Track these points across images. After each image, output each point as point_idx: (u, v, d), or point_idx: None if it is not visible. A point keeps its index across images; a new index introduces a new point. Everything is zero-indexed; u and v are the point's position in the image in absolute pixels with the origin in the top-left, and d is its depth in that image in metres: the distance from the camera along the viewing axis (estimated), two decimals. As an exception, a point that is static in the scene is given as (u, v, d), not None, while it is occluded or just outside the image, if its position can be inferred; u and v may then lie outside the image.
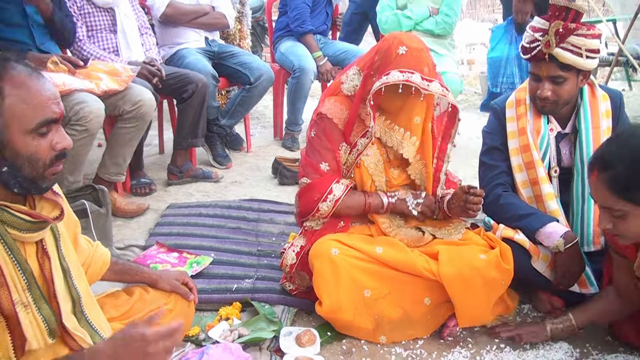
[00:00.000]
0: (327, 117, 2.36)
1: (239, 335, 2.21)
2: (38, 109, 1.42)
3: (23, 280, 1.48)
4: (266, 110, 6.13)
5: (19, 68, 1.43)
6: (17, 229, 1.46)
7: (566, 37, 2.27)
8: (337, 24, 5.32)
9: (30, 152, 1.42)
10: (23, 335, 1.46)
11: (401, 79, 2.13)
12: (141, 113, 3.31)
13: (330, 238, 2.28)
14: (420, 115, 2.30)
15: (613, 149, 1.77)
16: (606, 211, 1.82)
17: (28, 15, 3.17)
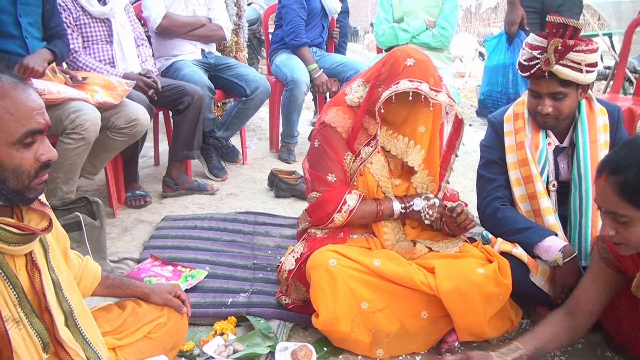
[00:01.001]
0: (330, 126, 2.37)
1: (234, 350, 2.18)
2: (22, 120, 1.40)
3: (14, 295, 1.46)
4: (262, 123, 6.13)
5: (4, 78, 1.41)
6: (5, 242, 1.44)
7: (565, 54, 2.26)
8: (333, 37, 5.32)
9: (14, 164, 1.40)
10: (12, 355, 1.43)
11: (411, 87, 2.16)
12: (134, 132, 3.31)
13: (328, 249, 2.26)
14: (425, 124, 2.30)
15: (626, 153, 1.74)
16: (610, 217, 1.79)
17: (22, 27, 3.15)
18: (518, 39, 4.31)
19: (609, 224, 1.80)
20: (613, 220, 1.78)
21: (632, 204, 1.70)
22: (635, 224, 1.73)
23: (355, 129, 2.36)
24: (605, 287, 2.06)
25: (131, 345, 1.91)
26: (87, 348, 1.65)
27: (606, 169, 1.76)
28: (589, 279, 2.11)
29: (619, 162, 1.73)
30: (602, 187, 1.77)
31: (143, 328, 1.95)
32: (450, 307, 2.19)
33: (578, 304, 2.10)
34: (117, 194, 3.66)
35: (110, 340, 1.86)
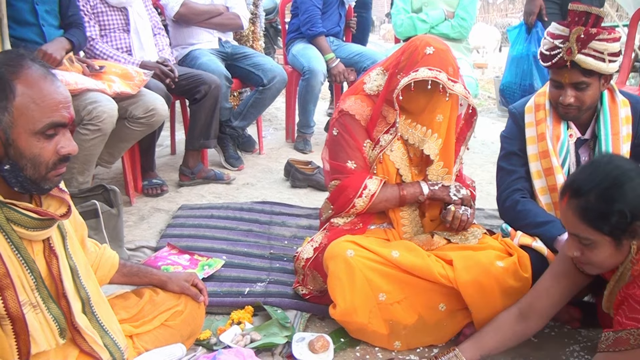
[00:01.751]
0: (349, 114, 2.37)
1: (251, 340, 2.18)
2: (47, 111, 1.40)
3: (31, 280, 1.47)
4: (278, 112, 6.12)
5: (34, 67, 1.42)
6: (23, 227, 1.45)
7: (588, 43, 2.22)
8: (350, 27, 5.29)
9: (34, 153, 1.41)
10: (29, 339, 1.44)
11: (430, 75, 2.16)
12: (152, 121, 3.31)
13: (346, 240, 2.25)
14: (443, 113, 2.28)
15: (586, 176, 1.72)
16: (575, 239, 1.77)
17: (38, 14, 3.16)
18: (535, 29, 4.25)
19: (573, 245, 1.79)
20: (577, 242, 1.76)
21: (593, 227, 1.69)
22: (599, 246, 1.72)
23: (374, 117, 2.35)
24: (568, 287, 2.01)
25: (148, 332, 1.92)
26: (104, 335, 1.66)
27: (568, 192, 1.74)
28: (551, 277, 2.04)
29: (580, 186, 1.71)
30: (564, 210, 1.76)
31: (160, 316, 1.96)
32: (468, 299, 2.18)
33: (534, 306, 2.03)
34: (134, 183, 3.67)
35: (128, 327, 1.87)
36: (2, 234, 1.42)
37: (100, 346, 1.63)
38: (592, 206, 1.67)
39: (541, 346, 2.29)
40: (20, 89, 1.37)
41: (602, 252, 1.73)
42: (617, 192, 1.65)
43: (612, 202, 1.65)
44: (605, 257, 1.74)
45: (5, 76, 1.37)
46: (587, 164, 1.82)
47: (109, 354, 1.66)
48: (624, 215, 1.64)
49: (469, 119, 2.41)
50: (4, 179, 1.42)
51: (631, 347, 1.64)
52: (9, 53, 1.45)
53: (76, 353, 1.61)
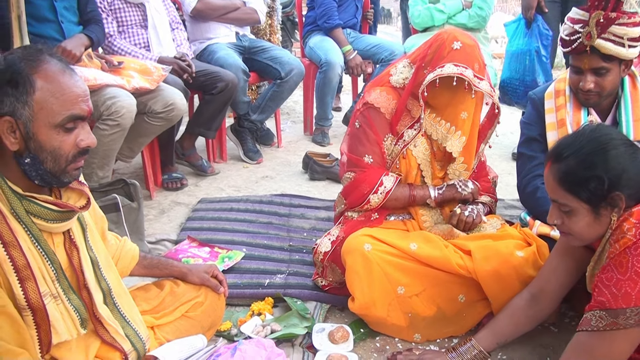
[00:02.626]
0: (373, 107, 2.36)
1: (271, 330, 2.19)
2: (66, 104, 1.42)
3: (52, 271, 1.48)
4: (296, 106, 6.13)
5: (53, 62, 1.44)
6: (43, 219, 1.47)
7: (607, 27, 2.20)
8: (367, 18, 5.27)
9: (54, 146, 1.43)
10: (50, 330, 1.45)
11: (456, 72, 2.13)
12: (171, 116, 3.34)
13: (363, 233, 2.25)
14: (468, 111, 2.26)
15: (570, 141, 1.71)
16: (555, 205, 1.75)
17: (57, 11, 3.19)
18: (535, 24, 4.17)
19: (554, 213, 1.77)
20: (557, 208, 1.74)
21: (571, 192, 1.67)
22: (577, 214, 1.69)
23: (399, 110, 2.33)
24: (574, 264, 1.97)
25: (169, 324, 1.93)
26: (126, 326, 1.68)
27: (551, 157, 1.73)
28: (556, 257, 2.02)
29: (562, 150, 1.70)
30: (546, 175, 1.75)
31: (181, 307, 1.98)
32: (488, 290, 2.17)
33: (544, 289, 2.01)
34: (154, 177, 3.70)
35: (149, 319, 1.88)
36: (22, 226, 1.44)
37: (122, 336, 1.65)
38: (572, 170, 1.65)
39: (561, 336, 2.28)
40: (40, 83, 1.39)
41: (581, 221, 1.70)
42: (598, 159, 1.63)
43: (592, 168, 1.63)
44: (584, 226, 1.71)
45: (24, 71, 1.39)
46: (574, 132, 1.81)
47: (131, 344, 1.68)
48: (602, 181, 1.62)
49: (492, 116, 2.38)
50: (25, 172, 1.44)
51: (592, 328, 1.61)
52: (27, 48, 1.46)
53: (98, 343, 1.63)
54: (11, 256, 1.40)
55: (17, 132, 1.40)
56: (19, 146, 1.41)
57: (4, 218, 1.41)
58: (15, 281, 1.40)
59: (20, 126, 1.39)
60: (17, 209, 1.43)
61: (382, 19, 15.71)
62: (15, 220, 1.43)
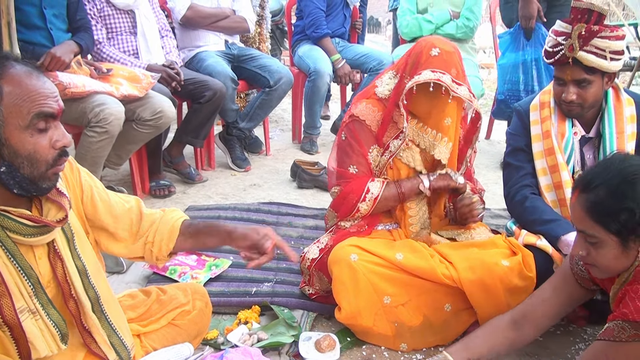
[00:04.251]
0: (358, 120, 2.37)
1: (258, 339, 2.20)
2: (34, 104, 1.39)
3: (29, 286, 1.46)
4: (285, 114, 6.14)
5: (18, 67, 1.41)
6: (19, 234, 1.44)
7: (590, 40, 2.24)
8: (356, 28, 5.30)
9: (28, 150, 1.39)
10: (28, 345, 1.44)
11: (432, 77, 2.14)
12: (159, 123, 3.34)
13: (350, 244, 2.26)
14: (452, 116, 2.28)
15: (599, 170, 1.67)
16: (582, 236, 1.71)
17: (47, 18, 3.19)
18: (538, 32, 4.19)
19: (580, 244, 1.73)
20: (584, 239, 1.71)
21: (599, 224, 1.62)
22: (604, 246, 1.65)
23: (384, 121, 2.35)
24: (566, 301, 1.96)
25: (156, 332, 1.93)
26: (112, 334, 1.66)
27: (579, 186, 1.69)
28: (550, 288, 1.99)
29: (591, 180, 1.65)
30: (573, 204, 1.71)
31: (167, 315, 1.97)
32: (473, 299, 2.18)
33: (529, 316, 1.98)
34: (142, 184, 3.70)
35: (135, 327, 1.88)
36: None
37: (108, 346, 1.64)
38: (601, 201, 1.61)
39: (547, 345, 2.30)
40: (7, 89, 1.37)
41: (608, 253, 1.66)
42: (629, 190, 1.58)
43: (622, 199, 1.58)
44: (611, 259, 1.67)
45: None
46: (602, 160, 1.76)
47: (115, 353, 1.66)
48: (633, 214, 1.56)
49: (475, 122, 2.40)
50: (3, 182, 1.40)
51: (614, 338, 1.61)
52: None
53: (83, 354, 1.62)
54: None
55: None
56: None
57: None
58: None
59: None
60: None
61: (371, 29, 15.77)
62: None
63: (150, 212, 1.87)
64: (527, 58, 4.22)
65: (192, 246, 1.89)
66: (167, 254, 1.84)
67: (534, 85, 4.23)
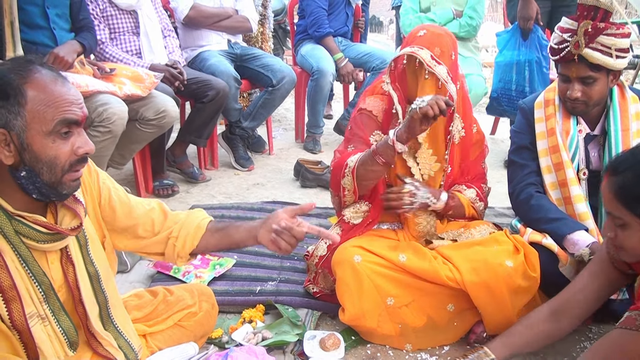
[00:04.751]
0: (365, 111, 2.40)
1: (262, 338, 2.20)
2: (58, 110, 1.40)
3: (39, 292, 1.46)
4: (288, 113, 6.14)
5: (43, 72, 1.42)
6: (33, 240, 1.44)
7: (595, 37, 2.23)
8: (358, 26, 5.29)
9: (49, 156, 1.40)
10: (36, 349, 1.44)
11: (408, 51, 2.17)
12: (163, 123, 3.34)
13: (353, 244, 2.25)
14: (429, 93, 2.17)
15: (629, 155, 1.70)
16: (610, 218, 1.74)
17: (49, 18, 3.20)
18: (534, 34, 4.19)
19: (609, 226, 1.75)
20: (612, 221, 1.73)
21: (626, 206, 1.65)
22: (630, 228, 1.67)
23: (388, 109, 2.36)
24: (604, 287, 1.97)
25: (162, 332, 1.94)
26: (118, 337, 1.67)
27: (609, 170, 1.72)
28: (587, 276, 2.00)
29: (619, 164, 1.69)
30: (603, 186, 1.73)
31: (174, 316, 1.97)
32: (477, 301, 2.18)
33: (567, 306, 1.99)
34: (145, 184, 3.70)
35: (141, 327, 1.88)
36: (10, 247, 1.42)
37: (115, 348, 1.65)
38: (627, 185, 1.63)
39: (552, 343, 2.29)
40: (31, 93, 1.37)
41: (633, 236, 1.68)
42: None
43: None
44: (636, 242, 1.68)
45: (15, 81, 1.37)
46: (634, 146, 1.78)
47: (123, 355, 1.67)
48: None
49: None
50: (22, 187, 1.42)
51: (635, 328, 1.62)
52: (17, 60, 1.44)
53: (89, 356, 1.62)
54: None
55: (11, 144, 1.37)
56: (14, 159, 1.38)
57: None
58: (0, 301, 1.39)
59: (14, 138, 1.36)
60: (5, 229, 1.41)
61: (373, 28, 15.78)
62: (3, 239, 1.41)
63: (176, 212, 1.87)
64: (521, 58, 4.22)
65: (218, 242, 1.84)
66: (190, 251, 1.82)
67: (525, 87, 4.23)
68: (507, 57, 4.31)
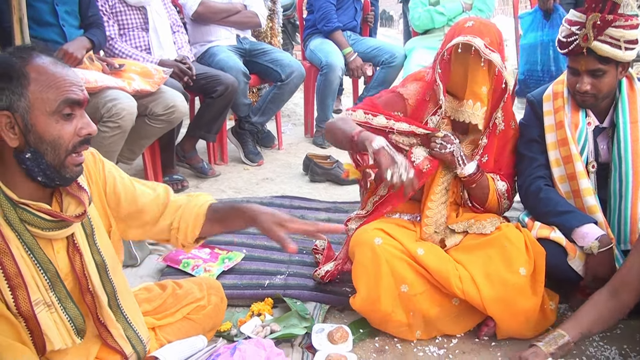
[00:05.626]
0: (398, 94, 2.40)
1: (270, 331, 2.20)
2: (60, 90, 1.43)
3: (45, 280, 1.48)
4: (297, 108, 6.14)
5: (44, 56, 1.45)
6: (38, 228, 1.46)
7: (604, 30, 2.21)
8: (368, 21, 5.28)
9: (53, 136, 1.43)
10: (42, 336, 1.46)
11: (462, 40, 2.15)
12: (172, 118, 3.35)
13: (375, 227, 2.25)
14: (486, 85, 2.23)
15: None
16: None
17: (59, 15, 3.22)
18: (556, 13, 4.18)
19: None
20: None
21: None
22: None
23: (421, 98, 2.36)
24: None
25: (171, 325, 1.95)
26: (127, 328, 1.68)
27: None
28: (638, 252, 2.03)
29: None
30: None
31: (183, 309, 1.98)
32: (492, 314, 2.19)
33: (623, 281, 2.03)
34: (155, 178, 3.71)
35: (150, 320, 1.89)
36: (15, 234, 1.44)
37: (124, 339, 1.66)
38: None
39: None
40: (33, 75, 1.41)
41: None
42: None
43: None
44: None
45: (17, 64, 1.40)
46: None
47: (131, 346, 1.68)
48: None
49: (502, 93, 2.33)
50: (28, 172, 1.44)
51: None
52: (19, 47, 1.49)
53: (98, 346, 1.64)
54: (2, 264, 1.40)
55: (16, 127, 1.40)
56: (19, 142, 1.41)
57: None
58: (6, 288, 1.41)
59: (18, 120, 1.39)
60: (10, 217, 1.43)
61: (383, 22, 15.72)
62: (8, 227, 1.43)
63: (176, 198, 1.86)
64: (544, 39, 4.22)
65: (221, 231, 1.88)
66: (192, 241, 1.84)
67: (551, 66, 4.23)
68: (530, 39, 4.32)
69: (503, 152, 2.49)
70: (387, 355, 2.19)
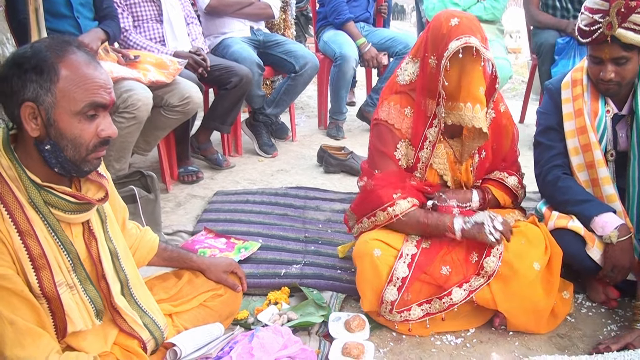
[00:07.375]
0: (381, 122, 2.32)
1: (288, 319, 2.21)
2: (88, 93, 1.44)
3: (68, 262, 1.50)
4: (310, 100, 6.14)
5: (79, 53, 1.46)
6: (61, 210, 1.48)
7: (628, 16, 2.17)
8: (381, 12, 5.26)
9: (74, 134, 1.44)
10: (65, 318, 1.47)
11: (460, 44, 2.05)
12: (187, 109, 3.35)
13: (373, 238, 2.23)
14: (483, 85, 2.14)
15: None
16: None
17: (73, 7, 3.23)
18: None
19: None
20: None
21: None
22: None
23: (417, 114, 2.27)
24: None
25: (187, 312, 1.95)
26: (143, 315, 1.70)
27: None
28: None
29: None
30: None
31: (199, 297, 1.99)
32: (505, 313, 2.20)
33: None
34: (170, 170, 3.72)
35: (167, 306, 1.90)
36: (40, 216, 1.46)
37: (140, 326, 1.67)
38: None
39: (578, 326, 2.28)
40: (64, 72, 1.41)
41: None
42: None
43: None
44: None
45: (50, 59, 1.41)
46: None
47: (149, 333, 1.69)
48: None
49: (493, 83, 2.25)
50: (45, 160, 1.45)
51: None
52: (56, 38, 1.49)
53: (116, 332, 1.65)
54: (27, 245, 1.42)
55: (39, 118, 1.41)
56: (40, 132, 1.42)
57: (21, 207, 1.43)
58: (30, 270, 1.42)
59: (42, 112, 1.41)
60: (34, 199, 1.45)
61: (395, 15, 15.66)
62: (33, 209, 1.45)
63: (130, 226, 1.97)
64: None
65: (162, 265, 2.08)
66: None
67: None
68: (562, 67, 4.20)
69: (500, 140, 2.43)
70: (404, 343, 2.18)
